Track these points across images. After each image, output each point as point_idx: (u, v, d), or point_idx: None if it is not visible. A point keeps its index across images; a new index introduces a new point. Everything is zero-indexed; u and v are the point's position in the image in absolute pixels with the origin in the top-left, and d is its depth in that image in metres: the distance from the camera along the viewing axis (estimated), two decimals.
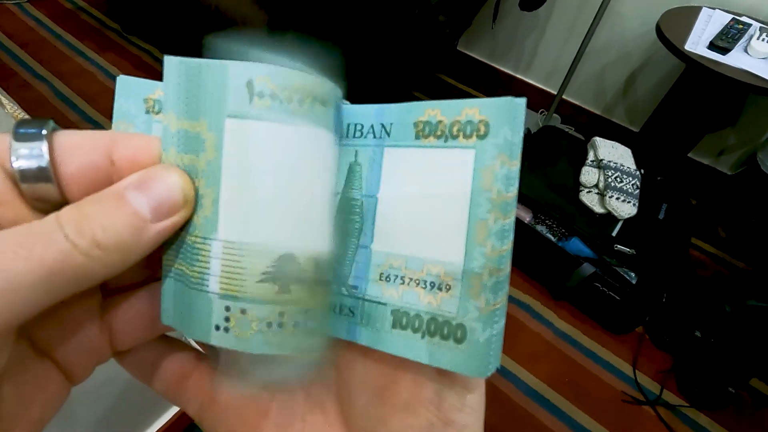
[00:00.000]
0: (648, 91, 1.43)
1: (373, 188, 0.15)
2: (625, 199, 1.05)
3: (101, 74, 1.55)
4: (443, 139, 0.13)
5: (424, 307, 0.13)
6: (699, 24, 1.09)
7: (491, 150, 0.13)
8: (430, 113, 0.14)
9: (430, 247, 0.13)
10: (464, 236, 0.13)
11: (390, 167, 0.14)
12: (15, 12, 1.75)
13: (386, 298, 0.14)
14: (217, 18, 1.31)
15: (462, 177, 0.13)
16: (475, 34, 1.67)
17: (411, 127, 0.14)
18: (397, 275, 0.14)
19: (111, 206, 0.12)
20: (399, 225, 0.14)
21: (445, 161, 0.13)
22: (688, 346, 1.03)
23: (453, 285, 0.13)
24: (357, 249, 0.15)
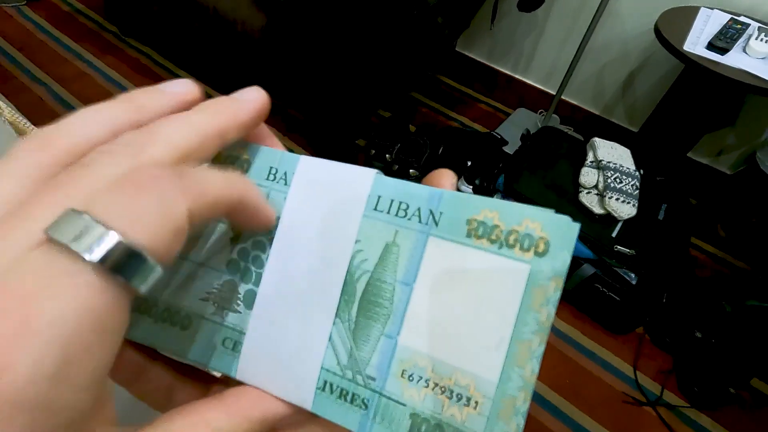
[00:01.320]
0: (647, 91, 1.43)
1: (410, 276, 0.14)
2: (624, 199, 1.05)
3: (100, 77, 1.55)
4: (497, 245, 0.13)
5: (447, 418, 0.12)
6: (697, 24, 1.09)
7: (548, 271, 0.12)
8: (488, 215, 0.13)
9: (465, 356, 0.13)
10: (504, 354, 0.12)
11: (433, 259, 0.13)
12: (12, 15, 1.74)
13: (406, 398, 0.13)
14: (216, 20, 1.31)
15: (513, 291, 0.12)
16: (473, 34, 1.66)
17: (463, 224, 0.13)
18: (422, 376, 0.13)
19: None
20: (433, 323, 0.13)
21: (497, 270, 0.13)
22: (688, 346, 1.03)
23: (483, 402, 0.12)
24: (381, 337, 0.14)
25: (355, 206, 0.14)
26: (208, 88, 1.56)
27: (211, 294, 0.15)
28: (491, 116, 1.66)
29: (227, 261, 0.15)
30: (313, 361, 0.14)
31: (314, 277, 0.14)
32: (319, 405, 0.14)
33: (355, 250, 0.14)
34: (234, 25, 1.28)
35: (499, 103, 1.71)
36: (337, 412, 0.14)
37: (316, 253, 0.14)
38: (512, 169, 1.13)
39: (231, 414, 0.13)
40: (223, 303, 0.15)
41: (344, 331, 0.14)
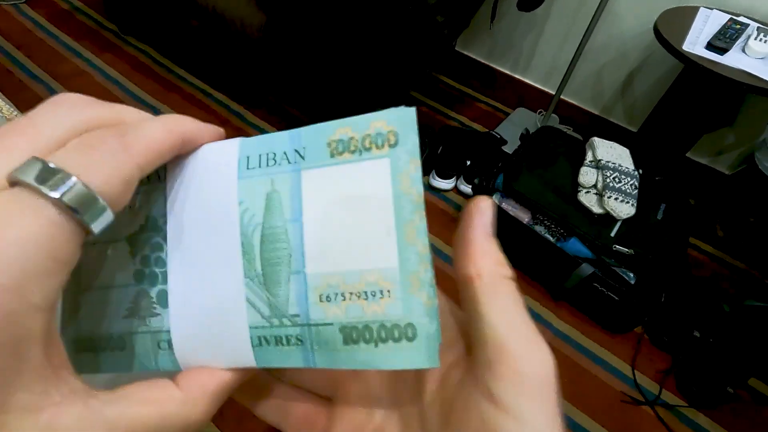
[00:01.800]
0: (646, 91, 1.43)
1: (297, 212, 0.14)
2: (623, 199, 1.05)
3: (99, 75, 1.55)
4: (358, 153, 0.14)
5: (370, 317, 0.14)
6: (697, 24, 1.09)
7: (404, 156, 0.14)
8: (341, 131, 0.14)
9: (365, 257, 0.14)
10: (395, 238, 0.13)
11: (310, 189, 0.14)
12: (11, 13, 1.74)
13: (331, 317, 0.14)
14: (215, 18, 1.31)
15: (382, 185, 0.14)
16: (473, 34, 1.66)
17: (325, 148, 0.14)
18: (337, 293, 0.14)
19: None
20: (329, 243, 0.14)
21: (363, 173, 0.14)
22: (686, 345, 1.03)
23: (393, 288, 0.13)
24: (290, 276, 0.14)
25: (229, 175, 0.15)
26: (207, 87, 1.56)
27: (129, 310, 0.16)
28: (490, 116, 1.66)
29: (133, 273, 0.16)
30: (240, 325, 0.15)
31: (213, 253, 0.15)
32: (262, 359, 0.15)
33: (242, 211, 0.15)
34: (233, 24, 1.28)
35: (499, 103, 1.71)
36: (280, 357, 0.15)
37: (208, 231, 0.15)
38: (511, 169, 1.13)
39: (187, 394, 0.14)
40: (142, 312, 0.16)
41: (256, 287, 0.15)
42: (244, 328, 0.15)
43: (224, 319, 0.15)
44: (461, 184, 1.36)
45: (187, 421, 0.14)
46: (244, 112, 1.50)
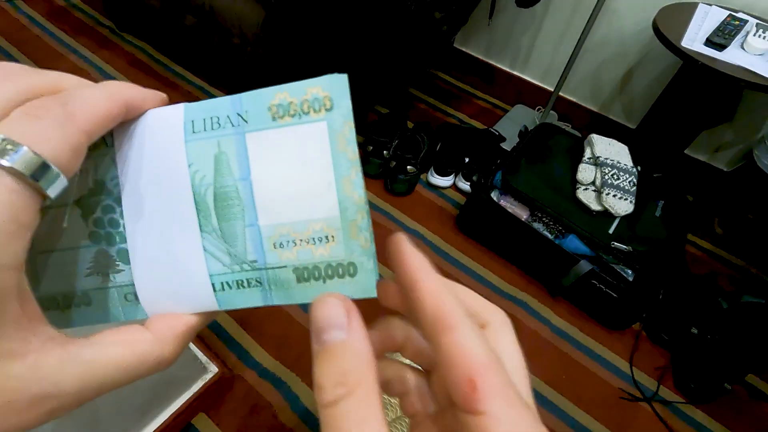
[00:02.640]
0: (645, 87, 1.43)
1: (245, 171, 0.16)
2: (621, 196, 1.05)
3: (95, 72, 1.54)
4: (297, 116, 0.16)
5: (318, 258, 0.16)
6: (695, 20, 1.09)
7: (339, 119, 0.15)
8: (281, 96, 0.16)
9: (310, 208, 0.16)
10: (335, 191, 0.16)
11: (256, 150, 0.16)
12: (7, 9, 1.73)
13: (285, 261, 0.16)
14: (211, 15, 1.30)
15: (321, 144, 0.15)
16: (471, 30, 1.66)
17: (266, 112, 0.16)
18: (289, 240, 0.16)
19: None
20: (278, 198, 0.16)
21: (304, 135, 0.16)
22: (684, 342, 1.03)
23: (336, 234, 0.16)
24: (245, 228, 0.16)
25: (175, 139, 0.16)
26: (204, 83, 1.56)
27: (91, 268, 0.17)
28: (489, 113, 1.66)
29: (88, 235, 0.17)
30: (200, 274, 0.17)
31: (169, 212, 0.16)
32: (224, 302, 0.17)
33: (192, 172, 0.16)
34: (230, 21, 1.27)
35: (497, 100, 1.71)
36: (241, 299, 0.17)
37: (161, 192, 0.17)
38: (510, 166, 1.13)
39: (157, 335, 0.15)
40: (105, 270, 0.17)
41: (215, 240, 0.17)
42: (205, 276, 0.17)
43: (185, 270, 0.17)
44: (460, 182, 1.35)
45: (160, 358, 0.15)
46: None
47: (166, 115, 0.16)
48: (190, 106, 0.16)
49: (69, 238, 0.17)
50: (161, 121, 0.16)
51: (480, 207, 1.15)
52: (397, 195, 1.30)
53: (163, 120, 0.16)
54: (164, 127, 0.16)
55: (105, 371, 0.14)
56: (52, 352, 0.13)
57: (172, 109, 0.17)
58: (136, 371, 0.15)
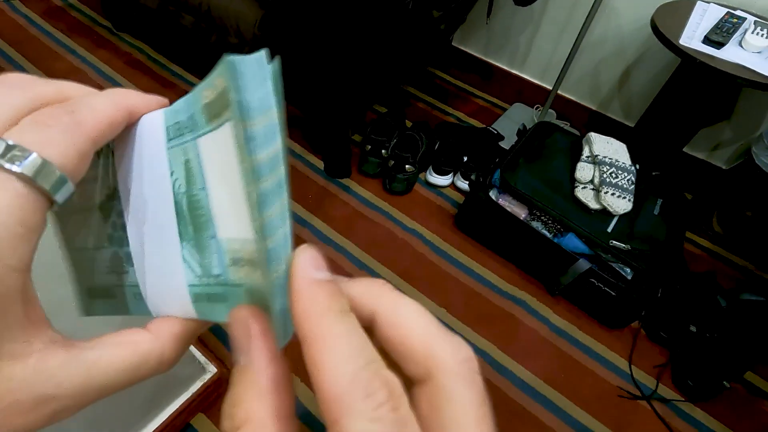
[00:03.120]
0: (643, 85, 1.43)
1: (203, 180, 0.15)
2: (620, 194, 1.05)
3: (93, 72, 1.53)
4: (217, 117, 0.14)
5: (256, 282, 0.14)
6: (694, 18, 1.09)
7: (237, 117, 0.12)
8: (207, 93, 0.14)
9: (244, 225, 0.14)
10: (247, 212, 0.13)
11: (206, 156, 0.15)
12: (4, 9, 1.72)
13: (239, 280, 0.15)
14: (209, 15, 1.30)
15: (229, 151, 0.13)
16: (469, 29, 1.66)
17: (202, 114, 0.14)
18: (240, 257, 0.15)
19: None
20: (226, 210, 0.15)
21: (219, 139, 0.14)
22: (683, 340, 1.04)
23: (253, 259, 0.14)
24: (210, 240, 0.15)
25: (159, 146, 0.16)
26: None
27: (108, 267, 0.18)
28: (487, 111, 1.66)
29: (107, 236, 0.18)
30: (180, 282, 0.16)
31: (155, 218, 0.16)
32: (201, 312, 0.16)
33: (173, 179, 0.16)
34: (227, 20, 1.27)
35: (496, 98, 1.70)
36: (212, 312, 0.16)
37: (150, 198, 0.16)
38: (508, 164, 1.13)
39: (156, 336, 0.16)
40: (117, 270, 0.18)
41: (191, 249, 0.16)
42: (183, 284, 0.16)
43: (171, 277, 0.16)
44: (458, 180, 1.35)
45: (161, 358, 0.15)
46: None
47: (152, 122, 0.16)
48: (168, 110, 0.16)
49: (95, 238, 0.18)
50: (149, 127, 0.16)
51: (478, 206, 1.15)
52: (395, 194, 1.30)
53: (149, 125, 0.16)
54: (151, 132, 0.16)
55: (107, 372, 0.14)
56: (55, 354, 0.13)
57: (156, 115, 0.16)
58: (137, 372, 0.15)
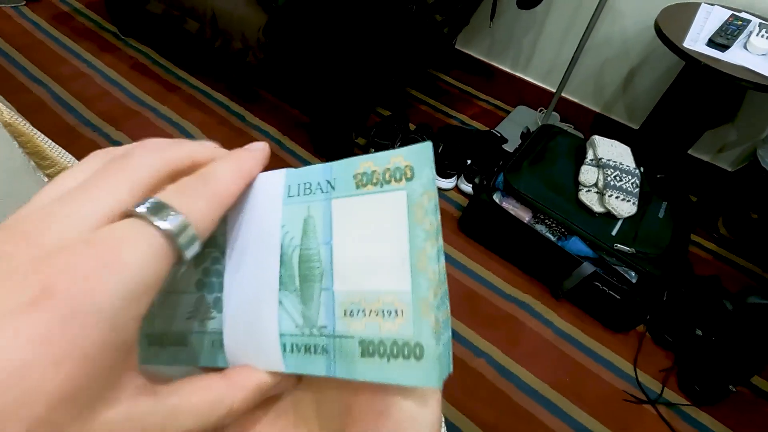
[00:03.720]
0: (647, 88, 1.42)
1: (327, 236, 0.17)
2: (624, 197, 1.05)
3: (99, 77, 1.55)
4: (379, 185, 0.16)
5: (385, 333, 0.15)
6: (698, 20, 1.08)
7: (419, 189, 0.15)
8: (366, 165, 0.16)
9: (382, 279, 0.15)
10: (408, 266, 0.15)
11: (339, 216, 0.16)
12: (12, 15, 1.74)
13: (352, 331, 0.15)
14: (213, 21, 1.31)
15: (399, 215, 0.15)
16: (472, 31, 1.66)
17: (352, 180, 0.16)
18: (359, 309, 0.15)
19: None
20: (353, 264, 0.16)
21: (383, 203, 0.16)
22: (689, 344, 1.03)
23: (405, 310, 0.15)
24: (321, 292, 0.16)
25: (275, 202, 0.18)
26: (207, 88, 1.56)
27: (191, 313, 0.19)
28: (491, 114, 1.66)
29: (195, 282, 0.19)
30: (271, 332, 0.17)
31: (258, 268, 0.17)
32: (291, 364, 0.17)
33: (283, 233, 0.17)
34: (232, 25, 1.28)
35: (499, 101, 1.70)
36: (306, 364, 0.16)
37: (257, 249, 0.18)
38: (512, 167, 1.13)
39: (230, 384, 0.16)
40: (201, 316, 0.18)
41: (294, 299, 0.17)
42: (275, 334, 0.17)
43: (261, 326, 0.17)
44: (462, 183, 1.35)
45: (230, 408, 0.16)
46: (244, 113, 1.50)
47: (271, 180, 0.18)
48: (290, 172, 0.18)
49: (182, 283, 0.19)
50: (266, 185, 0.18)
51: (482, 209, 1.15)
52: None
53: (267, 183, 0.18)
54: (268, 189, 0.18)
55: (185, 418, 0.15)
56: (143, 399, 0.13)
57: (276, 174, 0.18)
58: (207, 418, 0.15)
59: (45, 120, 1.36)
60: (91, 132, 1.36)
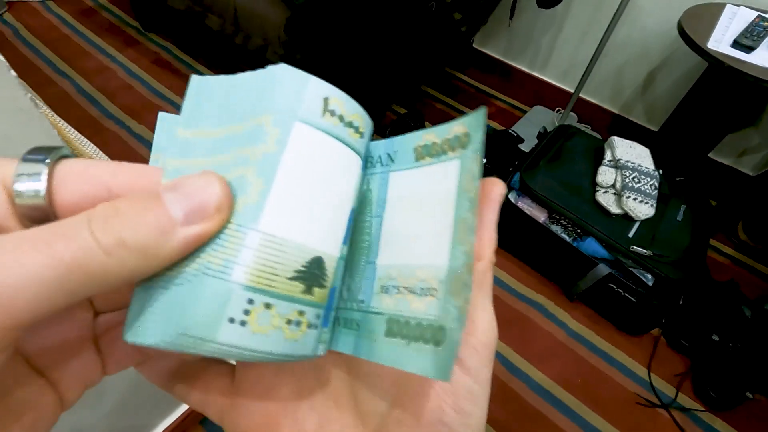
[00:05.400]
0: (668, 89, 1.40)
1: (380, 209, 0.16)
2: (642, 199, 1.04)
3: (121, 71, 1.58)
4: (437, 156, 0.15)
5: (412, 312, 0.14)
6: (723, 21, 1.06)
7: (471, 155, 0.14)
8: (427, 138, 0.15)
9: (421, 252, 0.14)
10: (449, 236, 0.14)
11: (393, 188, 0.16)
12: (39, 10, 1.79)
13: (383, 307, 0.14)
14: (235, 17, 1.32)
15: (449, 183, 0.14)
16: (490, 30, 1.65)
17: (411, 152, 0.15)
18: (394, 285, 0.14)
19: (145, 204, 0.12)
20: (398, 237, 0.15)
21: (437, 173, 0.15)
22: (705, 349, 1.02)
23: (438, 287, 0.13)
24: (366, 265, 0.16)
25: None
26: None
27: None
28: (507, 113, 1.65)
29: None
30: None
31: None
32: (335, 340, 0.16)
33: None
34: (253, 22, 1.30)
35: (516, 101, 1.70)
36: (341, 340, 0.15)
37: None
38: (528, 167, 1.12)
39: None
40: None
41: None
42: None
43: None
44: None
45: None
46: None
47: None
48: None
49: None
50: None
51: None
52: None
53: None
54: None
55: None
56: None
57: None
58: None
59: (70, 112, 1.40)
60: (114, 124, 1.39)
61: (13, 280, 0.10)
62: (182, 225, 0.12)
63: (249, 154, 0.13)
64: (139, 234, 0.11)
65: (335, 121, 0.14)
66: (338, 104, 0.14)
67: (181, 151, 0.15)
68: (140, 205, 0.12)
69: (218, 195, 0.12)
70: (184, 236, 0.12)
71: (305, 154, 0.14)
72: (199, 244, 0.12)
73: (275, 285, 0.13)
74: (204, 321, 0.12)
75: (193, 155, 0.14)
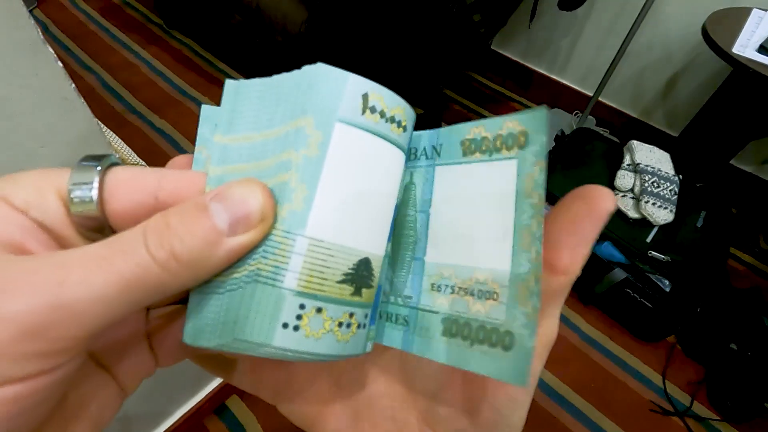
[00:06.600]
0: (689, 94, 1.38)
1: (426, 204, 0.15)
2: (661, 204, 1.03)
3: (144, 67, 1.62)
4: (488, 153, 0.14)
5: (473, 314, 0.13)
6: (749, 26, 1.05)
7: (531, 158, 0.13)
8: (475, 131, 0.14)
9: (478, 255, 0.14)
10: (511, 242, 0.13)
11: (441, 183, 0.15)
12: (66, 6, 1.84)
13: (437, 306, 0.14)
14: (258, 14, 1.34)
15: (506, 186, 0.13)
16: (509, 32, 1.65)
17: (458, 146, 0.15)
18: (448, 284, 0.14)
19: (192, 217, 0.12)
20: (449, 236, 0.15)
21: (491, 173, 0.14)
22: (722, 358, 1.00)
23: (500, 292, 0.13)
24: (412, 261, 0.15)
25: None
26: None
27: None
28: None
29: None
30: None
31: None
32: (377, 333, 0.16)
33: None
34: (275, 19, 1.31)
35: (533, 103, 1.69)
36: (384, 334, 0.15)
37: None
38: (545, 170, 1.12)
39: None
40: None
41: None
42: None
43: None
44: None
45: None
46: None
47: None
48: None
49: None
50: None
51: None
52: None
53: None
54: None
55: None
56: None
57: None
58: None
59: (94, 106, 1.42)
60: (137, 119, 1.42)
61: (82, 297, 0.11)
62: (228, 236, 0.12)
63: (291, 159, 0.13)
64: (189, 247, 0.12)
65: (376, 118, 0.14)
66: (378, 99, 0.14)
67: (221, 157, 0.15)
68: (188, 218, 0.12)
69: (261, 204, 0.13)
70: (230, 247, 0.12)
71: (347, 155, 0.14)
72: (245, 253, 0.13)
73: (325, 289, 0.13)
74: (259, 327, 0.13)
75: (233, 161, 0.14)
